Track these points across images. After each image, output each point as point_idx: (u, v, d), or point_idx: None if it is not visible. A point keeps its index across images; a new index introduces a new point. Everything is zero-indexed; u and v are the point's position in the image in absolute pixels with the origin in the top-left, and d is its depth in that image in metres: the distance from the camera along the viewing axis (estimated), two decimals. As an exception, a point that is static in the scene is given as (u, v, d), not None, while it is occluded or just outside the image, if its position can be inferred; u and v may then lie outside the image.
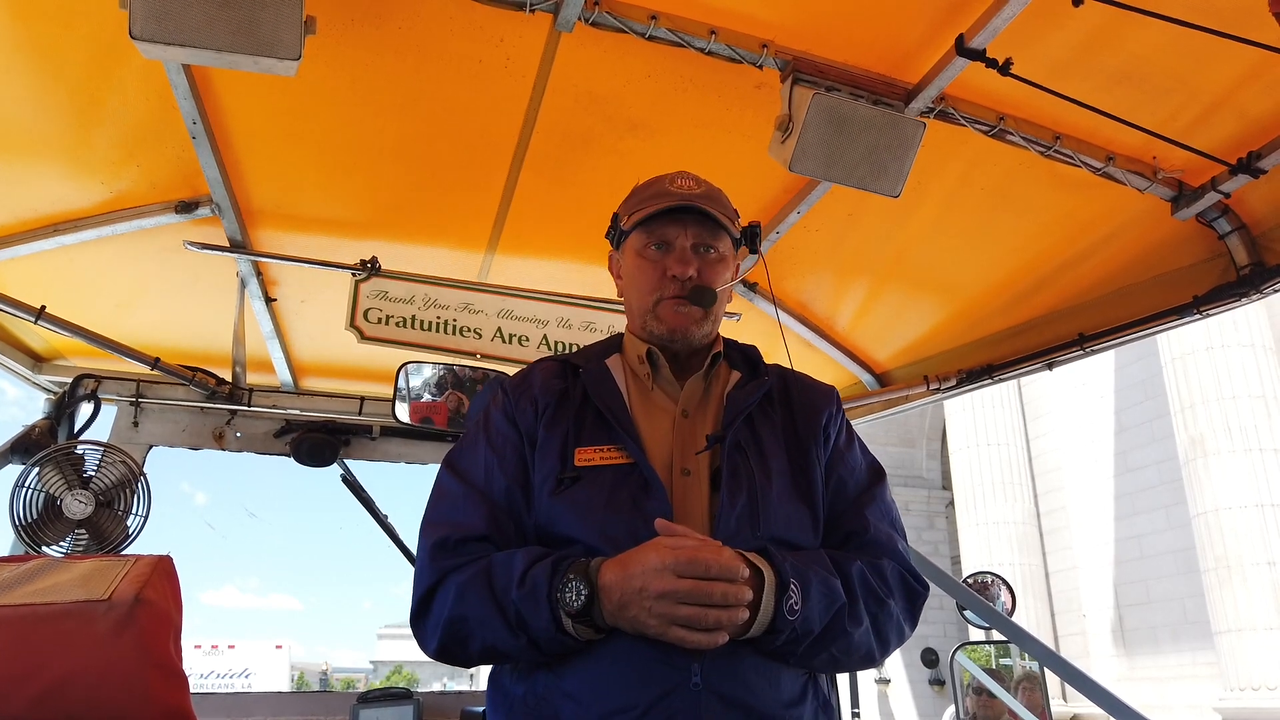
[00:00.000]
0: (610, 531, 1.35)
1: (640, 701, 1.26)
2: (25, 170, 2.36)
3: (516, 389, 1.56)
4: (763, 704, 1.32)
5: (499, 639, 1.32)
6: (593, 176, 2.50)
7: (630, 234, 1.59)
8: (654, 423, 1.50)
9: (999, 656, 4.49)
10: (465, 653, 1.37)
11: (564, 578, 1.28)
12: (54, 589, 1.24)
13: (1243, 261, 2.37)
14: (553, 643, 1.30)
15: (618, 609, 1.25)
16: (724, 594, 1.23)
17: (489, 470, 1.47)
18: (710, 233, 1.56)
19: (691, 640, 1.23)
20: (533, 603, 1.28)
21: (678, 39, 1.91)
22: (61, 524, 2.58)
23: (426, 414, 3.05)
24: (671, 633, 1.23)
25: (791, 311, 3.30)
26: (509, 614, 1.30)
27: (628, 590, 1.24)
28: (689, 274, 1.53)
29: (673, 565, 1.22)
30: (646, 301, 1.56)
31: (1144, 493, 14.67)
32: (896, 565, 1.49)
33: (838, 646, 1.38)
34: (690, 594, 1.22)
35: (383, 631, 66.88)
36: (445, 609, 1.35)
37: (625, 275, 1.64)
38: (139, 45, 1.63)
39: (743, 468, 1.45)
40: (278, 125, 2.32)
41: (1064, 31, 1.90)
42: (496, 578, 1.33)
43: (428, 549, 1.42)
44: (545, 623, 1.28)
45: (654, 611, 1.22)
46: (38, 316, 2.66)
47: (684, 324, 1.54)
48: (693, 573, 1.22)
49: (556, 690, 1.33)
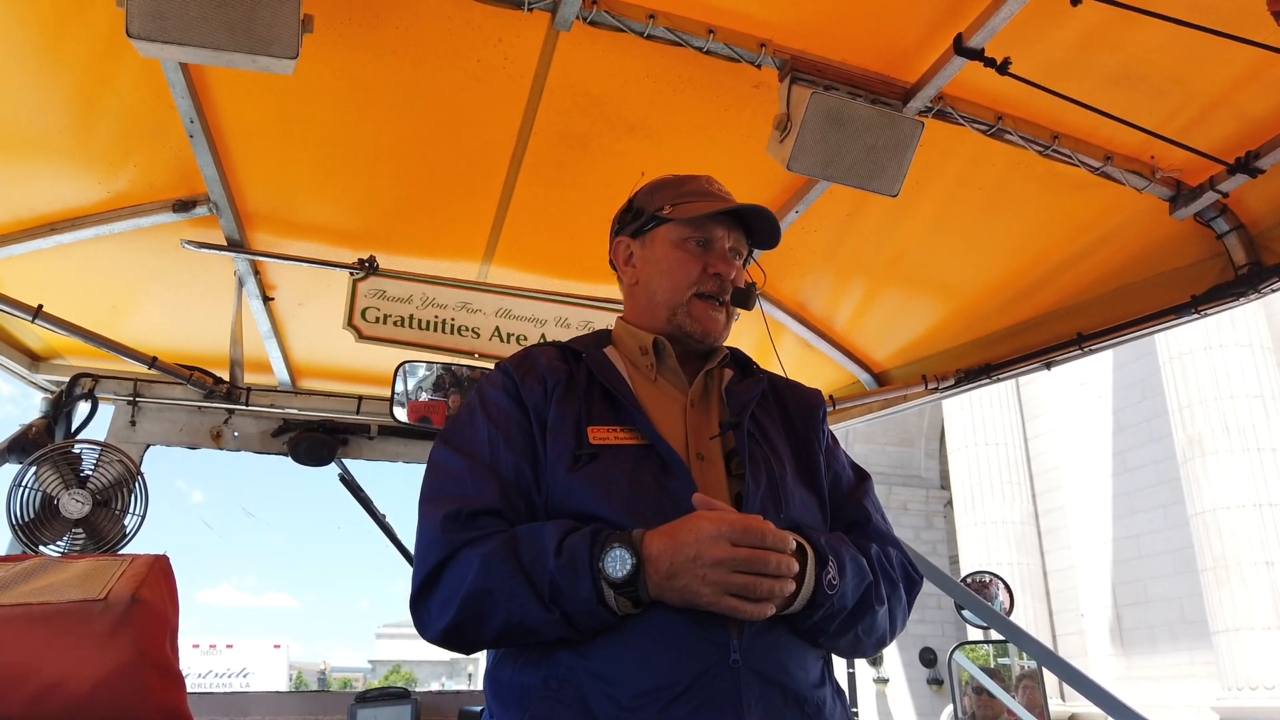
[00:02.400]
0: (637, 509, 1.33)
1: (681, 679, 1.24)
2: (22, 169, 2.36)
3: (519, 368, 1.53)
4: (796, 683, 1.32)
5: (528, 613, 1.26)
6: (591, 178, 2.50)
7: (665, 224, 1.60)
8: (662, 409, 1.50)
9: (997, 656, 4.49)
10: (480, 631, 1.30)
11: (606, 547, 1.24)
12: (50, 588, 1.23)
13: (1240, 261, 2.37)
14: (589, 616, 1.25)
15: (667, 578, 1.23)
16: (779, 564, 1.23)
17: (494, 447, 1.42)
18: (742, 242, 1.61)
19: (744, 610, 1.22)
20: (572, 573, 1.24)
21: (676, 38, 1.91)
22: (58, 523, 2.57)
23: (425, 413, 3.05)
24: (724, 602, 1.21)
25: (790, 311, 3.30)
26: (540, 586, 1.25)
27: (679, 559, 1.22)
28: (732, 275, 1.57)
29: (728, 533, 1.21)
30: (682, 294, 1.57)
31: (1142, 492, 14.68)
32: (899, 554, 1.53)
33: (863, 625, 1.40)
34: (747, 562, 1.21)
35: (381, 631, 66.92)
36: (465, 583, 1.28)
37: (651, 264, 1.62)
38: (136, 44, 1.63)
39: (759, 453, 1.47)
40: (275, 124, 2.31)
41: (1062, 31, 1.90)
42: (524, 549, 1.28)
43: (437, 523, 1.34)
44: (586, 594, 1.23)
45: (709, 579, 1.20)
46: (35, 315, 2.66)
47: (716, 328, 1.58)
48: (748, 541, 1.22)
49: (583, 671, 1.27)
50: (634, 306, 1.66)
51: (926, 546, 20.23)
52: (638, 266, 1.64)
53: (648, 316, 1.61)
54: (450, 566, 1.31)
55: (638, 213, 1.65)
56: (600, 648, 1.28)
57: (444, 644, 1.36)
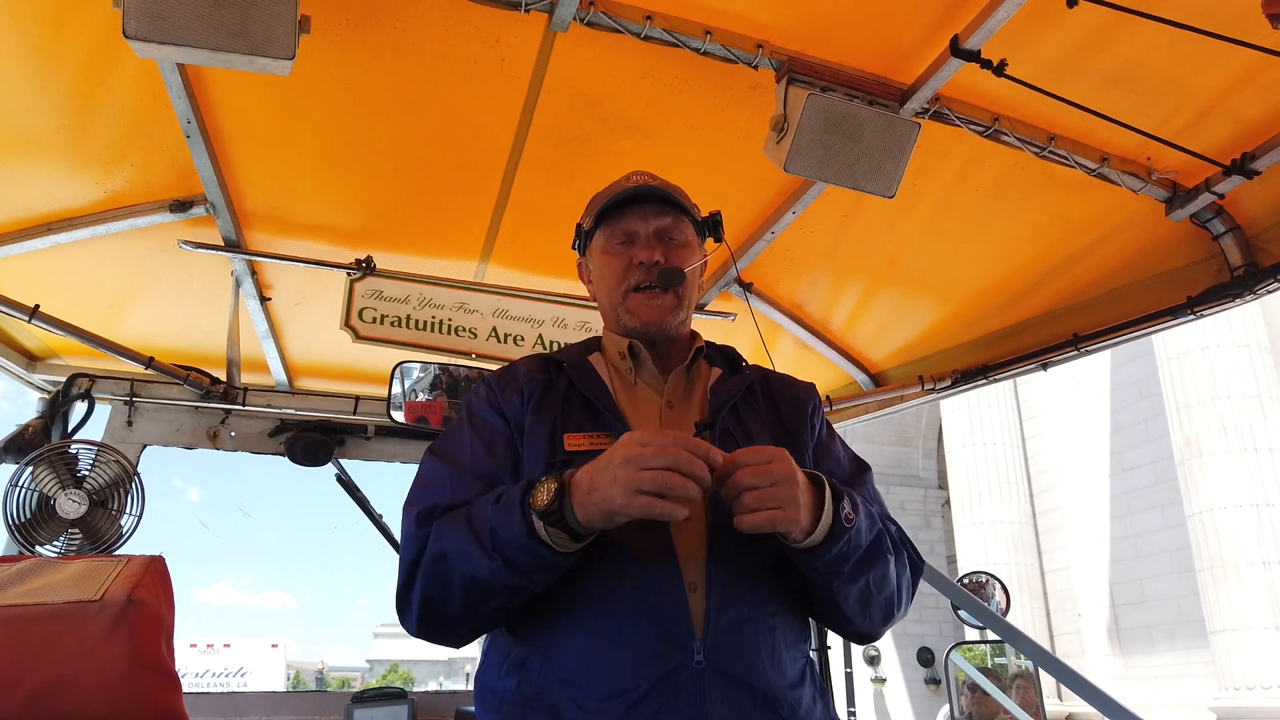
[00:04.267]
0: None
1: (642, 683, 1.24)
2: (19, 169, 2.36)
3: (501, 382, 1.56)
4: (766, 684, 1.30)
5: (476, 566, 1.27)
6: (588, 178, 2.49)
7: (594, 234, 1.62)
8: (640, 413, 1.51)
9: (994, 655, 4.49)
10: (447, 601, 1.32)
11: (535, 485, 1.25)
12: (46, 589, 1.24)
13: (1236, 262, 2.38)
14: (525, 553, 1.24)
15: (587, 494, 1.21)
16: (690, 461, 1.19)
17: (475, 454, 1.45)
18: (672, 220, 1.58)
19: (657, 508, 1.18)
20: (506, 514, 1.26)
21: (673, 39, 1.91)
22: (55, 524, 2.57)
23: (421, 414, 3.05)
24: (637, 501, 1.18)
25: (787, 311, 3.30)
26: (483, 535, 1.27)
27: (596, 471, 1.22)
28: (655, 259, 1.53)
29: (639, 437, 1.22)
30: (615, 295, 1.57)
31: (1139, 492, 14.70)
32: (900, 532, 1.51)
33: (875, 572, 1.38)
34: (656, 456, 1.18)
35: (379, 630, 66.89)
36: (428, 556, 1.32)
37: (596, 275, 1.64)
38: (132, 44, 1.63)
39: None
40: (272, 124, 2.31)
41: (1059, 33, 1.90)
42: (475, 511, 1.31)
43: (412, 519, 1.38)
44: (518, 528, 1.23)
45: (618, 480, 1.18)
46: (31, 315, 2.66)
47: (656, 316, 1.54)
48: (658, 440, 1.21)
49: (552, 677, 1.30)
50: (603, 316, 1.69)
51: (924, 546, 20.23)
52: (593, 281, 1.68)
53: (611, 323, 1.64)
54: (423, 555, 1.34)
55: (578, 231, 1.69)
56: (567, 654, 1.30)
57: (423, 630, 1.38)
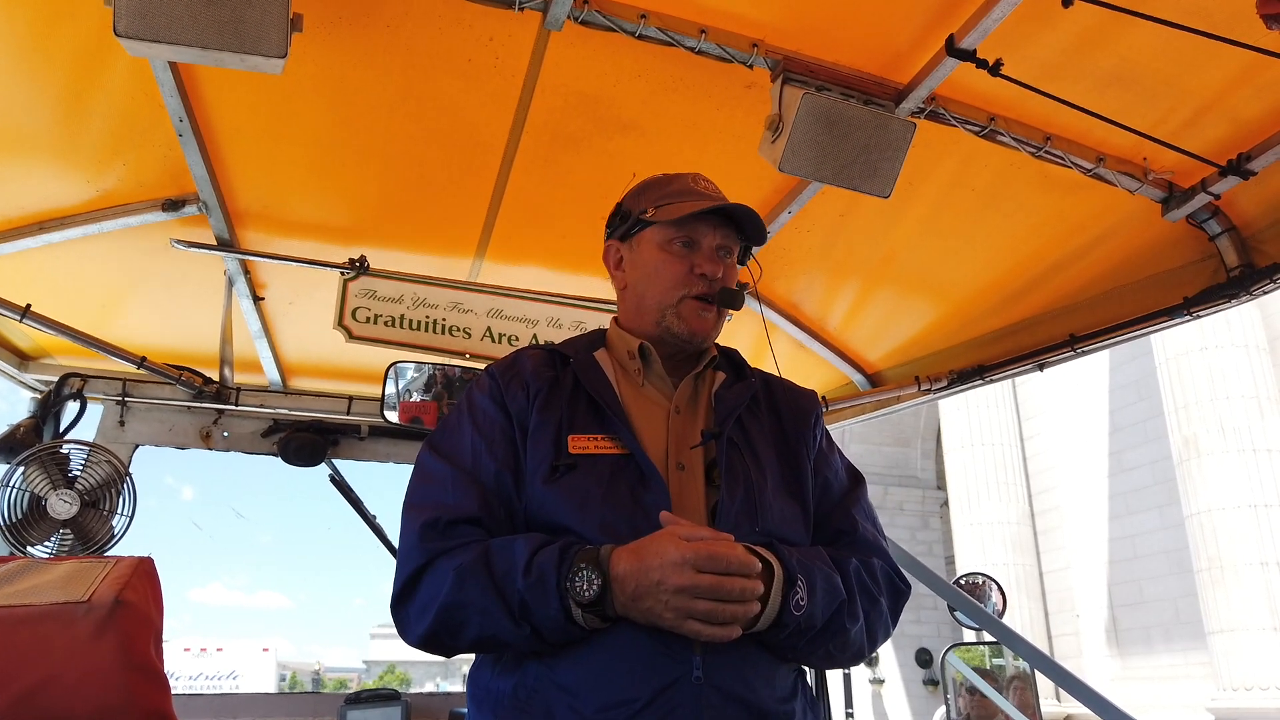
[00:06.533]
0: (610, 523, 1.34)
1: (641, 694, 1.25)
2: (10, 168, 2.35)
3: (505, 374, 1.54)
4: (760, 699, 1.32)
5: (499, 628, 1.29)
6: (583, 178, 2.49)
7: (650, 227, 1.58)
8: (646, 416, 1.50)
9: (991, 657, 4.49)
10: (455, 641, 1.34)
11: (574, 566, 1.26)
12: (33, 590, 1.23)
13: (1233, 263, 2.37)
14: (558, 632, 1.27)
15: (631, 600, 1.24)
16: (741, 590, 1.23)
17: (476, 453, 1.44)
18: (732, 238, 1.59)
19: (706, 634, 1.23)
20: (540, 591, 1.25)
21: (667, 38, 1.90)
22: (46, 524, 2.56)
23: (415, 414, 3.04)
24: (687, 626, 1.23)
25: (783, 312, 3.29)
26: (512, 603, 1.27)
27: (644, 583, 1.23)
28: (719, 274, 1.55)
29: (693, 560, 1.22)
30: (670, 297, 1.55)
31: (1137, 493, 14.72)
32: (885, 565, 1.51)
33: (835, 643, 1.39)
34: (710, 589, 1.22)
35: (376, 631, 66.81)
36: (439, 594, 1.31)
37: (638, 267, 1.61)
38: (124, 42, 1.62)
39: (738, 463, 1.46)
40: (265, 123, 2.30)
41: (1055, 33, 1.90)
42: (496, 564, 1.30)
43: (416, 530, 1.37)
44: (554, 612, 1.25)
45: (671, 605, 1.22)
46: (23, 315, 2.65)
47: (705, 328, 1.56)
48: (712, 568, 1.22)
49: (549, 683, 1.30)
50: (625, 310, 1.65)
51: (922, 547, 20.25)
52: (626, 271, 1.64)
53: (637, 320, 1.61)
54: (426, 575, 1.34)
55: (625, 216, 1.64)
56: (565, 661, 1.30)
57: (423, 648, 1.39)
